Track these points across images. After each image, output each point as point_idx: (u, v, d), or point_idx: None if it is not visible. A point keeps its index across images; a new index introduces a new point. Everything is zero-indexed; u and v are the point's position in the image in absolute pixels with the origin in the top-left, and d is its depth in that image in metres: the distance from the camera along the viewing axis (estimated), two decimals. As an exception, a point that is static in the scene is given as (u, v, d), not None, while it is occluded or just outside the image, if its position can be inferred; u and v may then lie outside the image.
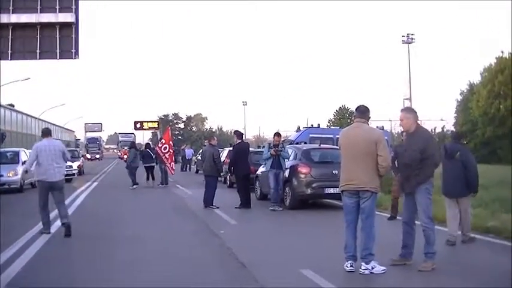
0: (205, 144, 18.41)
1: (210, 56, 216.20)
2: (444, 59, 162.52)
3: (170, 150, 23.79)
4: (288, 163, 14.83)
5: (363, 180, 7.15)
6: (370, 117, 7.60)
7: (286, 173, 14.73)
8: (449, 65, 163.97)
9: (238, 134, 16.10)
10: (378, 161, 7.10)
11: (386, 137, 27.13)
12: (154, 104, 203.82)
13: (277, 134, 15.14)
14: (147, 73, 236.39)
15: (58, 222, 11.02)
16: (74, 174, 27.94)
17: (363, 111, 7.50)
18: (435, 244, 7.40)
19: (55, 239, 10.08)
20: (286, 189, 14.85)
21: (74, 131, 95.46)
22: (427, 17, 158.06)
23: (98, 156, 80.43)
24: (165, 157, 23.50)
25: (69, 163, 27.91)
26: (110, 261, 8.08)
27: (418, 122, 7.61)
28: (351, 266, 7.17)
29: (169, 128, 28.10)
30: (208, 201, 15.23)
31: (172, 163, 24.06)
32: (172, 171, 24.20)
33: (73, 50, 24.23)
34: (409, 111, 7.75)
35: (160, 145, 24.05)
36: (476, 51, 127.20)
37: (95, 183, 26.26)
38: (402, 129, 8.15)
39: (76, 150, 39.96)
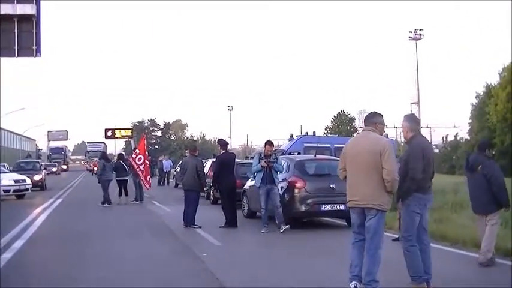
0: (186, 154, 18.39)
1: (191, 55, 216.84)
2: (457, 57, 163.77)
3: (146, 161, 23.76)
4: (279, 176, 14.75)
5: (366, 196, 7.20)
6: (380, 122, 7.53)
7: (280, 188, 14.55)
8: (463, 64, 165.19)
9: (223, 143, 16.11)
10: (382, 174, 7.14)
11: (391, 146, 27.32)
12: (128, 109, 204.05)
13: (269, 143, 14.85)
14: (119, 75, 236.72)
15: (16, 244, 10.94)
16: (27, 189, 27.68)
17: (367, 118, 7.64)
18: (419, 266, 7.34)
19: (9, 264, 10.01)
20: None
21: (35, 140, 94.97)
22: (437, 10, 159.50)
23: (54, 169, 71.33)
24: (140, 169, 23.47)
25: (21, 177, 27.81)
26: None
27: (415, 130, 7.69)
28: (355, 287, 7.22)
29: (144, 136, 28.06)
30: (189, 220, 15.22)
31: (148, 176, 24.02)
32: (148, 186, 24.16)
33: (34, 47, 24.11)
34: (406, 118, 7.85)
35: (134, 156, 24.01)
36: (494, 49, 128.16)
37: (59, 200, 26.11)
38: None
39: (37, 162, 39.81)
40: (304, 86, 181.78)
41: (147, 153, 24.59)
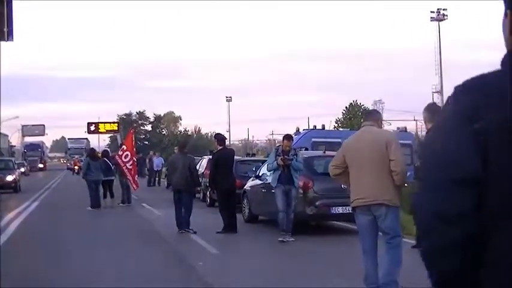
0: (175, 151, 18.44)
1: (185, 39, 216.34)
2: (486, 39, 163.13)
3: (133, 159, 23.75)
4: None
5: (373, 192, 7.29)
6: (381, 120, 7.92)
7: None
8: (492, 47, 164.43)
9: (220, 139, 16.13)
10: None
11: (409, 141, 27.37)
12: (114, 100, 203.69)
13: (287, 137, 14.48)
14: (103, 60, 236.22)
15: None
16: None
17: (370, 114, 8.17)
18: None
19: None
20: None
21: (7, 135, 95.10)
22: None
23: (23, 170, 63.22)
24: (127, 168, 23.42)
25: None
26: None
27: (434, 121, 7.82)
28: None
29: (132, 130, 28.07)
30: (183, 224, 15.24)
31: (136, 176, 24.00)
32: (135, 186, 24.07)
33: (5, 29, 24.08)
34: (425, 108, 8.08)
35: (120, 153, 23.97)
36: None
37: (35, 203, 26.13)
38: None
39: (10, 161, 39.84)
40: (313, 73, 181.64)
41: (135, 149, 24.55)
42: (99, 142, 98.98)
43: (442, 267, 1.77)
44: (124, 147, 24.23)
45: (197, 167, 18.03)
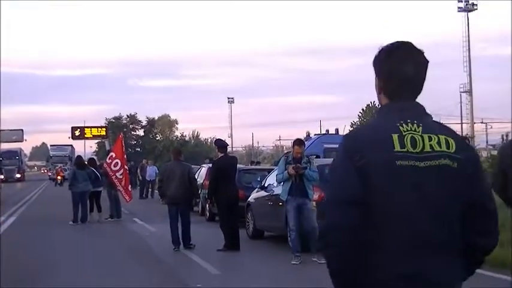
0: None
1: (182, 33, 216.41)
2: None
3: (124, 167, 23.68)
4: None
5: None
6: None
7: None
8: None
9: (221, 145, 16.17)
10: None
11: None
12: (101, 101, 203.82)
13: (299, 142, 14.15)
14: (89, 58, 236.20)
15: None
16: None
17: None
18: None
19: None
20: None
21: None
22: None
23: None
24: (116, 177, 23.31)
25: None
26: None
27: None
28: None
29: (121, 135, 28.08)
30: (183, 240, 15.36)
31: (128, 186, 23.90)
32: (128, 198, 23.96)
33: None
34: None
35: (109, 160, 23.91)
36: None
37: (12, 218, 26.09)
38: None
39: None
40: (326, 71, 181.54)
41: (125, 157, 24.49)
42: (85, 149, 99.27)
43: (336, 266, 2.94)
44: (113, 154, 24.04)
45: (195, 177, 18.05)
